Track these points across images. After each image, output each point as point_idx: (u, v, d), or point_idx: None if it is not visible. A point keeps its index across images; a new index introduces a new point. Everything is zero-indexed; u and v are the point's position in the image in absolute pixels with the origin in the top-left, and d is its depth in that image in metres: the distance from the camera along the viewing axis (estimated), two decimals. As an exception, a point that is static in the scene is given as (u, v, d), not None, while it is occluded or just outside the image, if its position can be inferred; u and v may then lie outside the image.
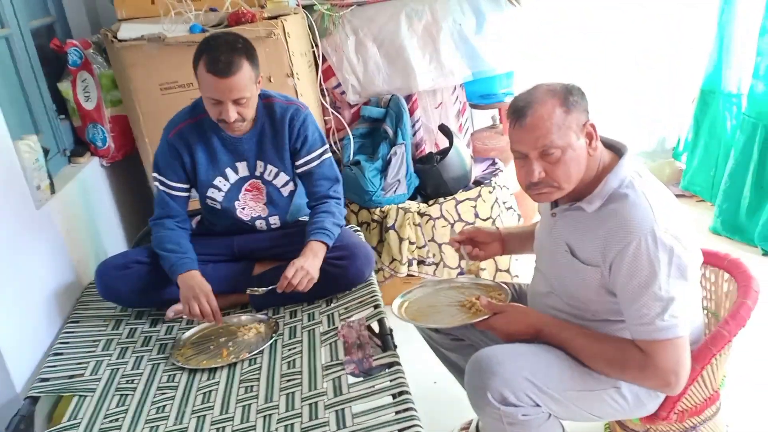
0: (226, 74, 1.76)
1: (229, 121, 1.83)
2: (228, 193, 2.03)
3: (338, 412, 1.43)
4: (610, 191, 1.43)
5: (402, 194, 2.85)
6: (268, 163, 2.01)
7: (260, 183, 2.04)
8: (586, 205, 1.45)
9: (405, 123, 2.89)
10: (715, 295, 1.79)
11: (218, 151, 1.99)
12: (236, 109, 1.83)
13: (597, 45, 3.48)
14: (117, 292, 1.98)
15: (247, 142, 1.99)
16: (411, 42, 2.93)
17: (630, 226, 1.37)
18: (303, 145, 2.00)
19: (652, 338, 1.37)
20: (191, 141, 1.97)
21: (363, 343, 1.66)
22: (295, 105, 2.02)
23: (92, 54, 2.61)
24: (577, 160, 1.42)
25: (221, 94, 1.80)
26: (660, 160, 3.77)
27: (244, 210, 2.06)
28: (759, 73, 2.96)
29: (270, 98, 2.01)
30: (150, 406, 1.59)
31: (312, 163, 2.03)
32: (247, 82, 1.81)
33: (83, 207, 2.42)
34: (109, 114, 2.65)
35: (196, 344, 1.84)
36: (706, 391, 1.63)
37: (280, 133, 1.98)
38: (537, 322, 1.54)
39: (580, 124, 1.42)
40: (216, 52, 1.77)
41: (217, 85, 1.78)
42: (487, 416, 1.44)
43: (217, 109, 1.84)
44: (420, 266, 2.83)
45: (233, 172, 2.02)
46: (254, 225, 2.10)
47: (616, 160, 1.47)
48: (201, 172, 2.00)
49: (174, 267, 1.92)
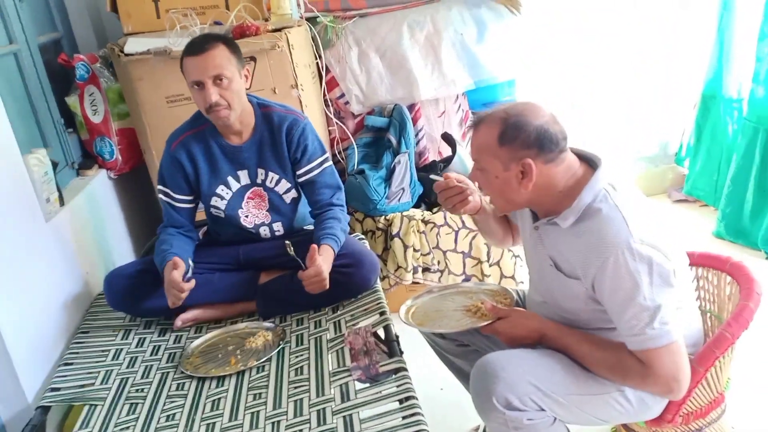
0: (198, 51, 1.84)
1: (210, 102, 1.86)
2: (231, 201, 2.06)
3: (346, 417, 1.45)
4: (584, 206, 1.43)
5: (406, 202, 2.87)
6: (270, 171, 2.04)
7: (262, 190, 2.07)
8: (561, 221, 1.46)
9: (408, 132, 2.92)
10: (718, 298, 1.80)
11: (219, 160, 2.02)
12: (218, 91, 1.86)
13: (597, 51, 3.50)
14: (125, 301, 2.01)
15: (246, 151, 2.02)
16: (413, 52, 2.96)
17: (605, 242, 1.37)
18: (303, 154, 2.03)
19: (646, 347, 1.38)
20: (192, 151, 2.01)
21: (369, 350, 1.67)
22: (293, 115, 2.04)
23: (99, 68, 2.65)
24: (500, 186, 1.48)
25: (199, 72, 1.85)
26: (662, 165, 3.78)
27: (248, 218, 2.09)
28: (759, 78, 2.98)
29: (268, 107, 2.04)
30: (160, 414, 1.61)
31: (313, 172, 2.06)
32: (224, 61, 1.85)
33: (92, 219, 2.45)
34: (117, 127, 2.68)
35: (204, 353, 1.86)
36: (710, 394, 1.64)
37: (278, 141, 2.01)
38: (541, 326, 1.55)
39: (512, 158, 1.43)
40: (194, 40, 1.89)
41: (193, 64, 1.85)
42: (492, 421, 1.45)
43: (201, 95, 1.88)
44: (425, 273, 2.85)
45: (235, 181, 2.05)
46: (258, 232, 2.12)
47: (590, 173, 1.47)
48: (203, 182, 2.03)
49: (161, 265, 1.93)
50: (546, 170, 1.44)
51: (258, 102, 2.05)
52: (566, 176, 1.47)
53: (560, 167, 1.46)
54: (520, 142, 1.42)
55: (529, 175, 1.43)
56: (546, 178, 1.45)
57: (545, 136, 1.42)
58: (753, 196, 3.04)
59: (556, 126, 1.45)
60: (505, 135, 1.43)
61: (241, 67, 1.93)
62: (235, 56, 1.90)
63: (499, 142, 1.44)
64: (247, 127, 2.01)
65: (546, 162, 1.43)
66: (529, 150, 1.42)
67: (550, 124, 1.44)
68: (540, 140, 1.42)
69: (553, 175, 1.45)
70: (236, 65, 1.90)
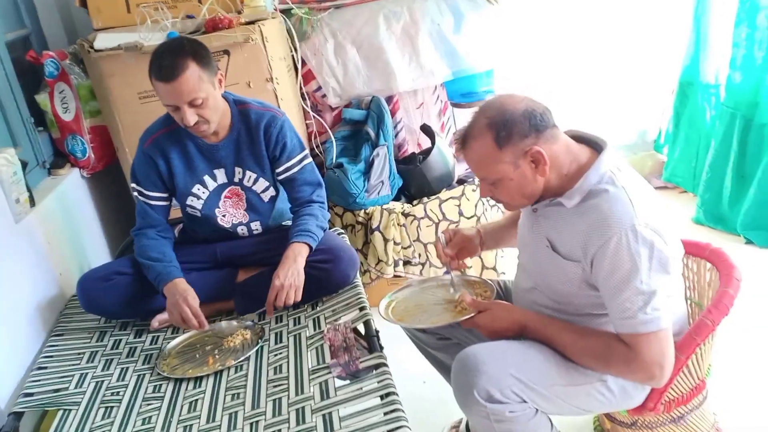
0: (170, 78, 1.76)
1: (189, 125, 1.83)
2: (207, 201, 2.02)
3: (326, 416, 1.42)
4: (590, 187, 1.43)
5: (386, 195, 2.85)
6: (247, 169, 2.01)
7: (239, 189, 2.03)
8: (566, 200, 1.45)
9: (387, 124, 2.89)
10: (698, 285, 1.80)
11: (195, 158, 1.98)
12: (195, 112, 1.82)
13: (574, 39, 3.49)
14: (100, 304, 1.96)
15: (223, 149, 1.98)
16: (390, 43, 2.93)
17: (610, 221, 1.37)
18: (282, 152, 2.00)
19: (635, 331, 1.37)
20: (167, 150, 1.97)
21: (349, 346, 1.65)
22: (271, 112, 2.01)
23: (69, 65, 2.59)
24: (518, 186, 1.46)
25: (172, 98, 1.79)
26: (641, 152, 3.79)
27: (225, 217, 2.06)
28: (736, 63, 2.98)
29: (245, 104, 2.00)
30: (136, 417, 1.58)
31: (293, 170, 2.03)
32: (196, 83, 1.78)
33: (64, 219, 2.40)
34: (89, 125, 2.63)
35: (181, 353, 1.82)
36: (692, 381, 1.64)
37: (256, 139, 1.98)
38: (521, 318, 1.54)
39: (518, 154, 1.42)
40: (159, 59, 1.78)
41: (165, 90, 1.79)
42: (474, 414, 1.44)
43: (177, 115, 1.84)
44: (406, 266, 2.83)
45: (212, 180, 2.01)
46: (236, 232, 2.09)
47: (595, 156, 1.47)
48: (179, 181, 1.99)
49: (160, 277, 1.91)
50: (549, 151, 1.43)
51: (234, 99, 2.01)
52: (568, 157, 1.46)
53: (558, 145, 1.45)
54: (517, 135, 1.41)
55: (542, 161, 1.41)
56: (552, 159, 1.43)
57: (535, 117, 1.41)
58: (731, 182, 3.06)
59: (537, 105, 1.44)
60: (500, 137, 1.41)
61: (215, 76, 1.86)
62: (207, 71, 1.82)
63: (498, 146, 1.42)
64: (224, 126, 1.97)
65: (546, 142, 1.42)
66: (528, 138, 1.41)
67: (532, 105, 1.43)
68: (533, 123, 1.41)
69: (556, 155, 1.44)
70: (209, 79, 1.82)
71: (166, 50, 1.80)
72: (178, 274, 1.92)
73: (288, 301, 1.82)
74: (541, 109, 1.43)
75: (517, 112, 1.41)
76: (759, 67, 2.87)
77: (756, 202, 2.89)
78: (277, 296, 1.82)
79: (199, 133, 1.90)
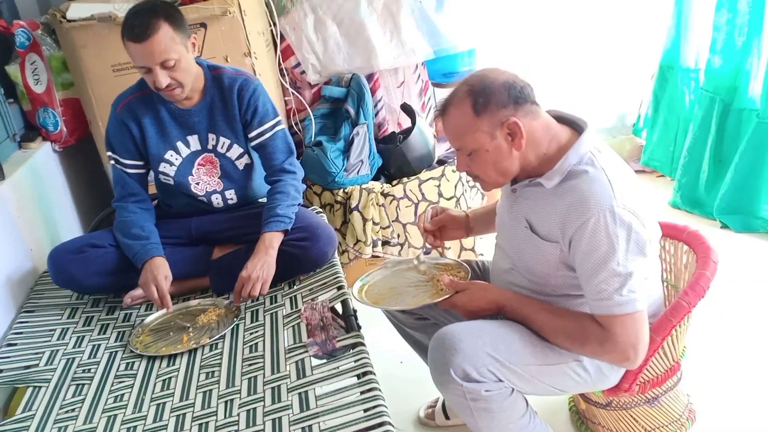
0: (142, 38, 1.74)
1: (161, 87, 1.80)
2: (180, 167, 2.00)
3: (301, 394, 1.41)
4: (570, 167, 1.42)
5: (365, 175, 2.82)
6: (221, 136, 1.98)
7: (213, 156, 2.01)
8: (545, 181, 1.44)
9: (367, 102, 2.86)
10: (675, 267, 1.81)
11: (168, 124, 1.95)
12: (167, 74, 1.79)
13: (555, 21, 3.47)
14: (71, 277, 1.92)
15: (196, 115, 1.95)
16: (371, 20, 2.88)
17: (589, 202, 1.36)
18: (254, 116, 1.98)
19: (611, 313, 1.37)
20: (139, 114, 1.94)
21: (326, 325, 1.64)
22: (244, 76, 1.99)
23: (41, 35, 2.52)
24: (493, 159, 1.45)
25: (144, 59, 1.77)
26: (620, 136, 3.80)
27: (199, 185, 2.02)
28: (716, 47, 2.99)
29: (218, 69, 1.98)
30: (107, 395, 1.55)
31: (265, 135, 2.00)
32: (169, 43, 1.76)
33: (36, 193, 2.34)
34: (61, 97, 2.57)
35: (155, 331, 1.80)
36: (667, 362, 1.65)
37: (230, 103, 1.95)
38: (499, 298, 1.54)
39: (494, 123, 1.41)
40: (131, 19, 1.76)
41: (137, 51, 1.76)
42: (450, 393, 1.43)
43: (149, 77, 1.81)
44: (385, 247, 2.82)
45: (185, 146, 1.98)
46: (210, 201, 2.05)
47: (575, 137, 1.46)
48: (152, 146, 1.96)
49: (137, 256, 1.88)
50: (528, 125, 1.42)
51: (208, 65, 1.99)
52: (547, 136, 1.45)
53: (538, 122, 1.44)
54: (495, 104, 1.40)
55: (518, 133, 1.41)
56: (529, 135, 1.42)
57: (515, 89, 1.40)
58: (709, 167, 3.07)
59: (519, 79, 1.43)
60: (477, 104, 1.41)
61: (188, 39, 1.84)
62: (180, 32, 1.80)
63: (475, 113, 1.41)
64: (197, 90, 1.95)
65: (525, 116, 1.41)
66: (506, 109, 1.40)
67: (514, 78, 1.42)
68: (512, 95, 1.40)
69: (534, 130, 1.43)
70: (182, 41, 1.81)
71: (139, 10, 1.78)
72: (156, 251, 1.89)
73: (254, 293, 1.80)
74: (522, 83, 1.43)
75: (497, 82, 1.41)
76: (738, 52, 2.88)
77: (732, 187, 2.92)
78: (243, 287, 1.81)
79: (171, 96, 1.87)
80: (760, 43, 2.76)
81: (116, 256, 1.93)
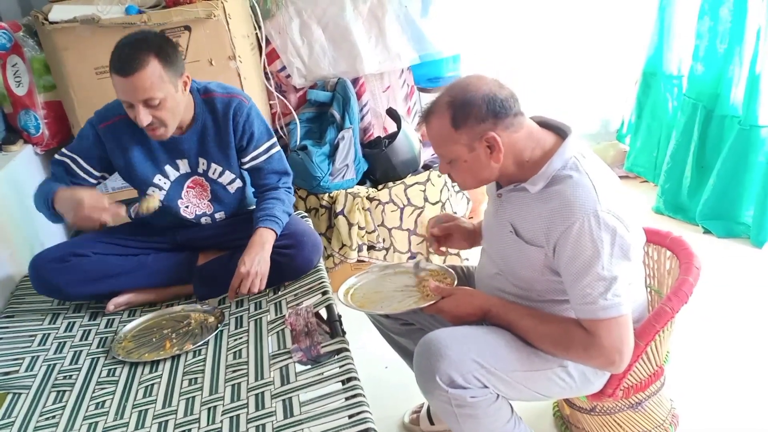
0: (127, 72, 1.65)
1: (141, 125, 1.72)
2: (170, 191, 1.94)
3: (285, 401, 1.40)
4: (554, 172, 1.43)
5: (351, 179, 2.82)
6: (212, 162, 1.93)
7: (203, 180, 1.96)
8: (530, 186, 1.45)
9: (352, 107, 2.85)
10: (658, 273, 1.82)
11: (156, 149, 1.88)
12: (149, 112, 1.71)
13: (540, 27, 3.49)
14: (54, 286, 1.88)
15: (186, 142, 1.89)
16: (356, 24, 2.88)
17: (573, 206, 1.37)
18: (249, 141, 1.92)
19: (595, 317, 1.37)
20: (124, 140, 1.86)
21: (311, 331, 1.63)
22: (238, 98, 1.91)
23: (22, 37, 2.49)
24: (471, 169, 1.47)
25: (126, 94, 1.69)
26: (604, 142, 3.82)
27: (188, 208, 1.98)
28: (699, 54, 3.02)
29: (209, 93, 1.90)
30: (89, 402, 1.53)
31: (260, 158, 1.96)
32: (155, 81, 1.67)
33: (16, 197, 2.31)
34: (43, 100, 2.53)
35: (137, 337, 1.77)
36: (650, 367, 1.66)
37: (224, 129, 1.89)
38: (484, 303, 1.53)
39: (473, 137, 1.42)
40: (120, 50, 1.68)
41: (120, 84, 1.68)
42: (435, 399, 1.43)
43: (131, 112, 1.73)
44: (370, 251, 2.81)
45: (173, 170, 1.92)
46: (199, 222, 2.01)
47: (560, 142, 1.46)
48: (138, 171, 1.89)
49: (47, 196, 1.79)
50: (507, 138, 1.42)
51: (197, 88, 1.90)
52: (530, 143, 1.45)
53: (520, 133, 1.44)
54: (474, 119, 1.40)
55: (496, 147, 1.41)
56: (509, 146, 1.43)
57: (495, 102, 1.40)
58: (691, 172, 3.10)
59: (503, 90, 1.43)
60: (456, 118, 1.41)
61: (178, 77, 1.75)
62: (170, 70, 1.70)
63: (454, 126, 1.42)
64: (186, 120, 1.87)
65: (506, 129, 1.42)
66: (485, 123, 1.41)
67: (496, 90, 1.42)
68: (492, 109, 1.40)
69: (515, 142, 1.43)
70: (171, 80, 1.71)
71: (128, 42, 1.69)
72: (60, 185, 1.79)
73: (252, 289, 1.78)
74: (504, 95, 1.42)
75: (477, 95, 1.41)
76: (721, 59, 2.91)
77: (715, 193, 2.94)
78: (242, 283, 1.78)
79: (153, 135, 1.79)
80: (742, 51, 2.80)
81: (100, 264, 1.89)
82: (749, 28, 2.75)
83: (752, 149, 2.78)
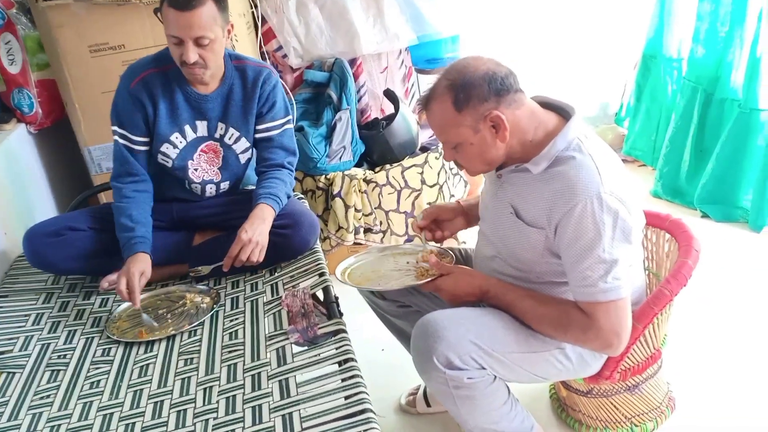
0: (186, 7, 1.69)
1: (188, 62, 1.75)
2: (183, 151, 1.94)
3: (282, 381, 1.39)
4: (557, 153, 1.41)
5: (348, 161, 2.80)
6: (231, 127, 1.94)
7: (218, 146, 1.96)
8: (532, 166, 1.43)
9: (349, 88, 2.82)
10: (657, 256, 1.81)
11: (180, 106, 1.89)
12: (198, 51, 1.75)
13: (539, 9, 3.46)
14: (47, 260, 1.87)
15: (212, 101, 1.90)
16: (354, 4, 2.84)
17: (576, 188, 1.35)
18: (269, 110, 1.95)
19: (594, 300, 1.37)
20: (155, 91, 1.87)
21: (307, 312, 1.62)
22: (268, 69, 1.96)
23: (15, 14, 2.46)
24: (478, 151, 1.45)
25: (181, 30, 1.71)
26: (602, 125, 3.81)
27: (197, 171, 1.97)
28: (699, 37, 3.00)
29: (241, 60, 1.94)
30: (83, 381, 1.52)
31: (273, 131, 1.97)
32: (210, 21, 1.72)
33: (9, 177, 2.29)
34: (36, 78, 2.51)
35: (132, 316, 1.76)
36: (648, 350, 1.65)
37: (250, 95, 1.92)
38: (483, 283, 1.53)
39: (477, 118, 1.40)
40: None
41: (177, 20, 1.70)
42: (432, 380, 1.43)
43: (178, 50, 1.76)
44: (367, 234, 2.80)
45: (192, 131, 1.92)
46: (203, 189, 2.01)
47: (562, 123, 1.45)
48: (160, 125, 1.90)
49: (124, 248, 1.83)
50: (511, 116, 1.41)
51: (229, 54, 1.93)
52: (533, 123, 1.44)
53: (522, 110, 1.43)
54: (477, 99, 1.39)
55: (502, 126, 1.40)
56: (513, 125, 1.42)
57: (495, 81, 1.39)
58: (690, 156, 3.09)
59: (501, 68, 1.41)
60: (458, 100, 1.40)
61: (227, 24, 1.80)
62: (222, 14, 1.76)
63: (457, 109, 1.40)
64: (216, 78, 1.89)
65: (508, 106, 1.40)
66: (488, 102, 1.39)
67: (495, 68, 1.41)
68: (493, 87, 1.39)
69: (518, 120, 1.42)
70: (222, 24, 1.76)
71: None
72: (139, 247, 1.82)
73: (252, 258, 1.76)
74: (503, 73, 1.41)
75: (477, 75, 1.39)
76: (721, 42, 2.89)
77: (713, 177, 2.93)
78: (242, 250, 1.76)
79: (191, 74, 1.81)
80: (743, 34, 2.78)
81: (94, 240, 1.88)
82: (750, 10, 2.73)
83: (752, 133, 2.77)
